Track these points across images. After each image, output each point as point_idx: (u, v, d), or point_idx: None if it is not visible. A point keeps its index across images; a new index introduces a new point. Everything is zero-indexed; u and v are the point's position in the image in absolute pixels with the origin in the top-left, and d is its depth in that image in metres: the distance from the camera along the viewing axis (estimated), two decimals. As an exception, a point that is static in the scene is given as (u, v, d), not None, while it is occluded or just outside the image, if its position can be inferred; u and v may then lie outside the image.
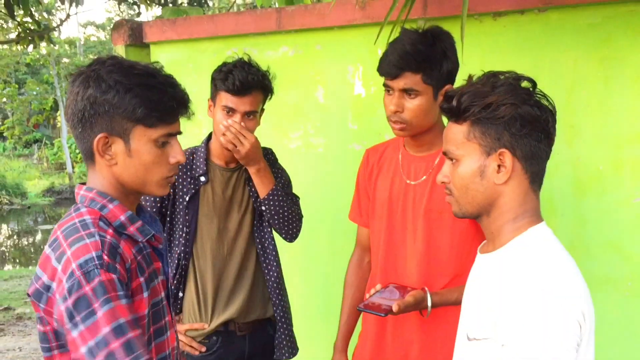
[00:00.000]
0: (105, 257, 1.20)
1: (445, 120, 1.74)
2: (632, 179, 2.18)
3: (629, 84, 2.15)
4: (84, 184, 1.37)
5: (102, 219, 1.29)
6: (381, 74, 1.78)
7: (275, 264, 2.24)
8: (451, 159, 1.29)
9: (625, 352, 2.22)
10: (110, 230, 1.28)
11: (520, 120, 1.19)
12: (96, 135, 1.28)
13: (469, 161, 1.24)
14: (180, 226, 2.12)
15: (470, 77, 1.30)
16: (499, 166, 1.22)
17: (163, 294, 1.40)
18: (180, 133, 1.38)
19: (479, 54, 2.28)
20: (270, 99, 2.14)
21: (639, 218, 2.18)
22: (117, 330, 1.16)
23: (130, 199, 1.38)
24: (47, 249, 1.28)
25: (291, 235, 2.23)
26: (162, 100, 1.29)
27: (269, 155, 2.30)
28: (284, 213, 2.14)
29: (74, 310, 1.17)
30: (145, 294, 1.30)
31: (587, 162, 2.24)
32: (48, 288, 1.23)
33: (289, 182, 2.32)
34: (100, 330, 1.15)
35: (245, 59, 2.08)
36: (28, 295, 1.29)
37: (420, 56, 1.70)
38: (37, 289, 1.25)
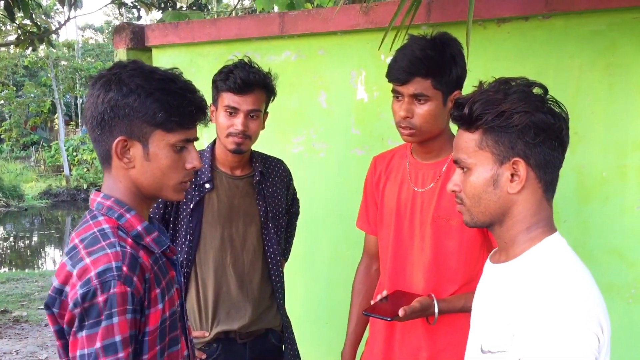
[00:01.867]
0: (125, 269, 1.20)
1: (453, 127, 1.74)
2: (635, 185, 2.18)
3: (634, 91, 2.15)
4: (99, 190, 1.36)
5: (120, 228, 1.29)
6: (390, 80, 1.77)
7: (282, 275, 2.23)
8: (462, 168, 1.26)
9: (628, 359, 2.22)
10: (129, 240, 1.28)
11: (535, 129, 1.17)
12: (115, 138, 1.28)
13: (482, 170, 1.22)
14: (184, 233, 2.09)
15: (480, 83, 1.26)
16: (512, 175, 1.20)
17: (178, 302, 1.40)
18: (197, 139, 1.38)
19: (482, 60, 2.27)
20: (273, 100, 2.14)
21: (642, 225, 2.18)
22: (107, 348, 1.17)
23: (145, 205, 1.37)
24: (64, 258, 1.27)
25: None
26: (182, 106, 1.30)
27: (283, 173, 2.28)
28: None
29: (85, 316, 1.18)
30: (160, 305, 1.30)
31: (591, 168, 2.23)
32: (61, 292, 1.23)
33: (299, 206, 2.45)
34: (95, 344, 1.17)
35: (246, 60, 2.07)
36: (46, 307, 1.28)
37: (430, 61, 1.70)
38: (51, 295, 1.25)
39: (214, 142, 2.17)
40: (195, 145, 1.38)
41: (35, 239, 14.40)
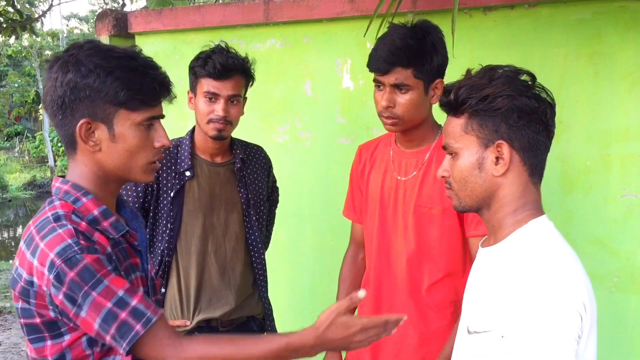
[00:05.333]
0: (82, 242, 1.20)
1: (437, 117, 1.74)
2: (619, 175, 2.19)
3: (618, 80, 2.15)
4: (63, 176, 1.34)
5: (75, 212, 1.26)
6: (371, 70, 1.76)
7: (264, 262, 2.21)
8: (450, 153, 1.28)
9: (611, 347, 2.23)
10: (83, 224, 1.25)
11: (518, 112, 1.19)
12: (78, 121, 1.25)
13: (467, 154, 1.24)
14: (164, 222, 2.07)
15: (468, 70, 1.29)
16: (497, 158, 1.22)
17: (141, 290, 1.37)
18: (162, 117, 1.35)
19: (468, 48, 2.27)
20: (251, 85, 2.11)
21: (625, 214, 2.19)
22: (119, 304, 1.18)
23: (111, 188, 1.35)
24: (22, 245, 1.26)
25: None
26: (145, 83, 1.27)
27: (263, 160, 2.26)
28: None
29: (73, 294, 1.17)
30: None
31: (575, 157, 2.24)
32: (32, 283, 1.21)
33: (278, 194, 2.41)
34: (104, 308, 1.18)
35: (223, 45, 2.05)
36: (13, 291, 1.26)
37: (411, 51, 1.68)
38: (23, 287, 1.23)
39: (193, 129, 2.14)
40: (162, 123, 1.35)
41: (19, 230, 14.24)
